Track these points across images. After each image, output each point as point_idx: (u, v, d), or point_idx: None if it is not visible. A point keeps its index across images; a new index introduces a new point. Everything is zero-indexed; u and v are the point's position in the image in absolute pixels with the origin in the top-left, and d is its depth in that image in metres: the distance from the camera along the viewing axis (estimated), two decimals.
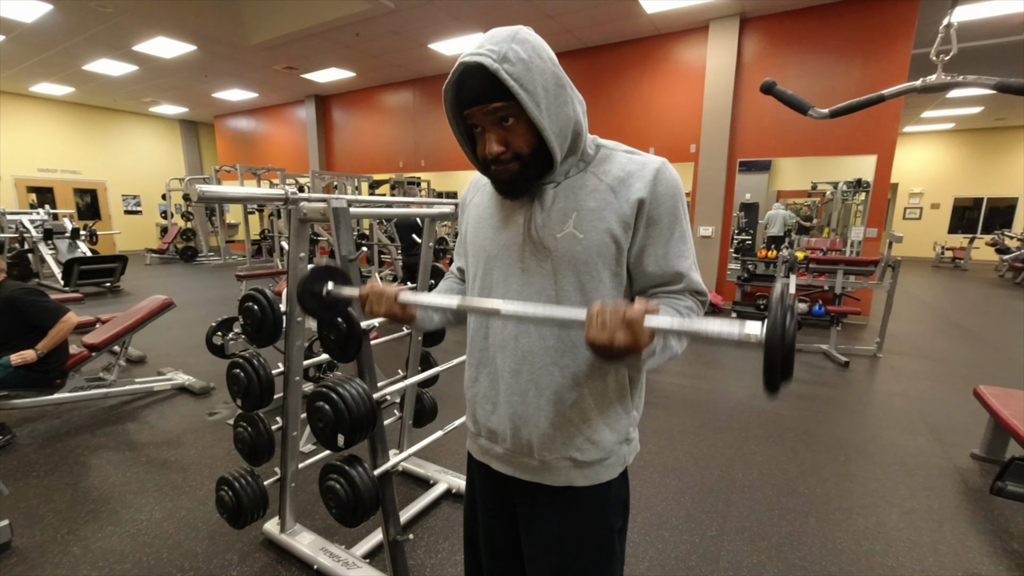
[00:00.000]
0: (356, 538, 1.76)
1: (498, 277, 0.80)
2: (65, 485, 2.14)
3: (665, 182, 0.73)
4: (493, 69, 0.65)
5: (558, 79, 0.70)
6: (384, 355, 3.76)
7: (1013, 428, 2.00)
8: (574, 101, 0.73)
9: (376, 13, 5.46)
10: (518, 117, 0.69)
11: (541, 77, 0.67)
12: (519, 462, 0.83)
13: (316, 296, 0.95)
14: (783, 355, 0.52)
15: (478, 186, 0.90)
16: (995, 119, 10.41)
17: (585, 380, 0.77)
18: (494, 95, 0.67)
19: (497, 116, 0.69)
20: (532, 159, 0.72)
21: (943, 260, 11.21)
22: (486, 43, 0.67)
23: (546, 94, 0.68)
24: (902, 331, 4.96)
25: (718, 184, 5.84)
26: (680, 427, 2.76)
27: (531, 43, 0.68)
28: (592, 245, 0.73)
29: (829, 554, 1.76)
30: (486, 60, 0.65)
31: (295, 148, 10.47)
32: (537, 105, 0.67)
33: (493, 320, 0.81)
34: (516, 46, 0.66)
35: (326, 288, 0.95)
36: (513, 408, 0.80)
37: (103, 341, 2.91)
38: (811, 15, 5.19)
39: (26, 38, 6.54)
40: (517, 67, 0.65)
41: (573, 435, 0.78)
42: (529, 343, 0.77)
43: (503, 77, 0.65)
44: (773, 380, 0.54)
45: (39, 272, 7.22)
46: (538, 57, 0.68)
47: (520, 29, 0.69)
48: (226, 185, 1.78)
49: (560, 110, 0.70)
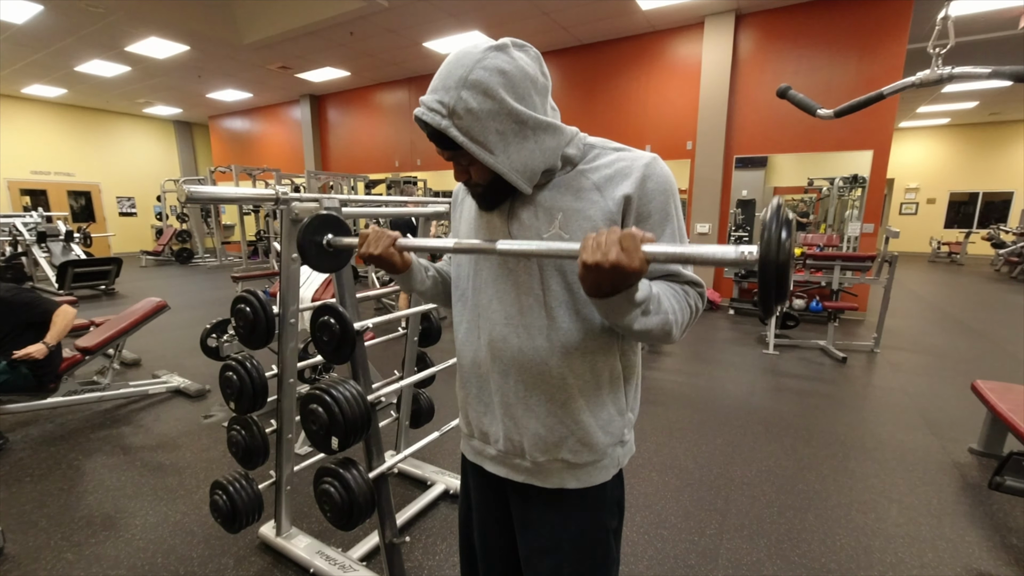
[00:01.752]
0: (353, 540, 1.74)
1: (487, 277, 0.80)
2: (59, 490, 2.12)
3: (655, 178, 0.71)
4: (442, 128, 0.65)
5: (516, 115, 0.66)
6: (380, 356, 3.75)
7: (1011, 422, 2.00)
8: (541, 132, 0.69)
9: (370, 11, 5.43)
10: (474, 159, 0.69)
11: (494, 122, 0.65)
12: (512, 463, 0.82)
13: (318, 246, 0.97)
14: (777, 272, 0.50)
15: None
16: (990, 113, 10.43)
17: (576, 381, 0.76)
18: (449, 143, 0.68)
19: (458, 160, 0.72)
20: (494, 186, 0.73)
21: (939, 255, 11.24)
22: (438, 89, 0.66)
23: (501, 138, 0.66)
24: (899, 326, 4.97)
25: (714, 181, 5.84)
26: (679, 424, 2.75)
27: (483, 85, 0.63)
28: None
29: (828, 551, 1.75)
30: (434, 119, 0.65)
31: (290, 148, 10.42)
32: (491, 152, 0.67)
33: (484, 321, 0.80)
34: (466, 93, 0.64)
35: (326, 238, 0.98)
36: (504, 409, 0.80)
37: (97, 344, 2.88)
38: (806, 10, 5.18)
39: (17, 39, 6.49)
40: (465, 120, 0.65)
41: (565, 436, 0.77)
42: (519, 344, 0.76)
43: (452, 135, 0.66)
44: (767, 300, 0.52)
45: (33, 275, 7.16)
46: (491, 100, 0.64)
47: (480, 62, 0.64)
48: (216, 186, 1.76)
49: (521, 147, 0.68)
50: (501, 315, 0.77)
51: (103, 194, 11.62)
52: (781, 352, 4.14)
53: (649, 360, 3.93)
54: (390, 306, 5.60)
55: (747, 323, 5.20)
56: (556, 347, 0.75)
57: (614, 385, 0.79)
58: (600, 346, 0.75)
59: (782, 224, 0.50)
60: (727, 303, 5.98)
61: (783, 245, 0.50)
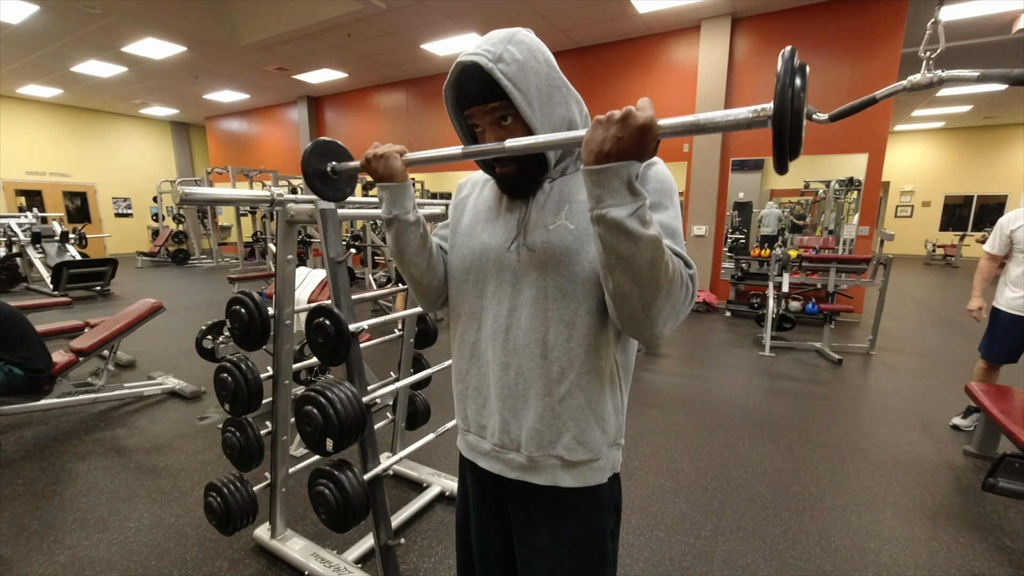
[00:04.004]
0: (348, 543, 1.74)
1: (492, 268, 0.81)
2: (52, 493, 2.11)
3: (655, 174, 0.74)
4: (488, 68, 0.68)
5: (552, 80, 0.72)
6: (376, 357, 3.74)
7: (1004, 424, 2.01)
8: (569, 102, 0.75)
9: (368, 13, 5.44)
10: (516, 117, 0.72)
11: (535, 78, 0.70)
12: (506, 458, 0.82)
13: (322, 175, 0.95)
14: (792, 122, 0.49)
15: (478, 183, 0.92)
16: (984, 117, 10.50)
17: (575, 375, 0.76)
18: (491, 95, 0.70)
19: (496, 116, 0.73)
20: (528, 159, 0.75)
21: (935, 257, 11.30)
22: (483, 44, 0.70)
23: (539, 95, 0.71)
24: (895, 328, 5.00)
25: (711, 183, 5.86)
26: (675, 426, 2.76)
27: (527, 44, 0.71)
28: (583, 234, 0.74)
29: (824, 552, 1.76)
30: (482, 60, 0.68)
31: (288, 149, 10.41)
32: (530, 104, 0.70)
33: (485, 313, 0.81)
34: (512, 47, 0.69)
35: (330, 165, 0.96)
36: (503, 401, 0.80)
37: (91, 346, 2.87)
38: (801, 15, 5.22)
39: (13, 39, 6.46)
40: (512, 67, 0.69)
41: (561, 432, 0.77)
42: (519, 336, 0.77)
43: (498, 76, 0.68)
44: (782, 154, 0.51)
45: (27, 276, 7.13)
46: (533, 59, 0.70)
47: (517, 31, 0.72)
48: (212, 187, 1.76)
49: (553, 110, 0.72)
50: (505, 308, 0.78)
51: (99, 195, 11.57)
52: (777, 354, 4.15)
53: (646, 362, 3.94)
54: (387, 307, 5.59)
55: (743, 325, 5.21)
56: (557, 341, 0.75)
57: (612, 383, 0.79)
58: (602, 342, 0.76)
59: (795, 71, 0.49)
60: (724, 305, 6.00)
61: (797, 94, 0.49)
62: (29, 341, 2.54)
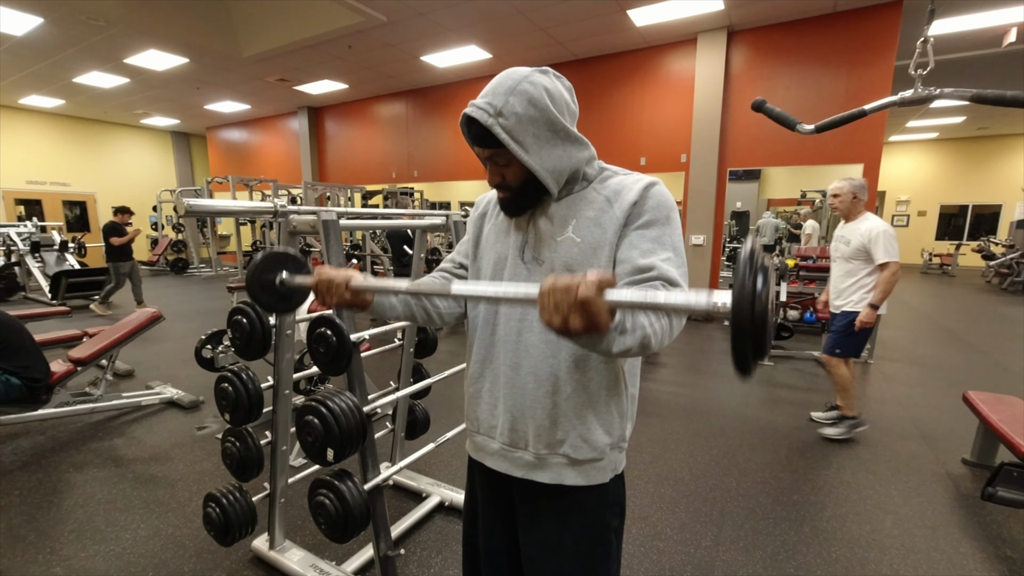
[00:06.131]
0: (347, 554, 1.73)
1: (507, 276, 0.86)
2: (48, 503, 2.09)
3: (656, 195, 0.78)
4: (487, 124, 0.74)
5: (552, 125, 0.76)
6: (376, 367, 3.74)
7: (1003, 433, 2.02)
8: (570, 143, 0.79)
9: (369, 26, 5.50)
10: (512, 158, 0.78)
11: (533, 127, 0.75)
12: (513, 457, 0.86)
13: (269, 287, 0.87)
14: (753, 328, 0.42)
15: (492, 200, 0.97)
16: (978, 128, 10.63)
17: (584, 379, 0.80)
18: (492, 141, 0.76)
19: (494, 157, 0.79)
20: (523, 189, 0.81)
21: (931, 266, 11.36)
22: (488, 94, 0.76)
23: (536, 141, 0.76)
24: (892, 337, 5.01)
25: (709, 193, 5.90)
26: (674, 436, 2.76)
27: (529, 95, 0.74)
28: (588, 247, 0.78)
29: (824, 563, 1.75)
30: (481, 116, 0.74)
31: (288, 159, 10.46)
32: (527, 151, 0.76)
33: (500, 316, 0.86)
34: (513, 99, 0.74)
35: (280, 277, 0.87)
36: (513, 401, 0.84)
37: (89, 355, 2.86)
38: (797, 28, 5.30)
39: (16, 51, 6.52)
40: (510, 121, 0.74)
41: (568, 430, 0.81)
42: (530, 338, 0.82)
43: (496, 132, 0.74)
44: (743, 358, 0.44)
45: (26, 285, 7.12)
46: (533, 108, 0.74)
47: (530, 75, 0.76)
48: (214, 198, 1.77)
49: (552, 151, 0.78)
50: (516, 313, 0.83)
51: (99, 204, 11.59)
52: (776, 363, 4.16)
53: (644, 371, 3.94)
54: None
55: None
56: (567, 344, 0.79)
57: (618, 385, 0.83)
58: None
59: (756, 271, 0.42)
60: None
61: (758, 297, 0.42)
62: (27, 350, 2.54)
